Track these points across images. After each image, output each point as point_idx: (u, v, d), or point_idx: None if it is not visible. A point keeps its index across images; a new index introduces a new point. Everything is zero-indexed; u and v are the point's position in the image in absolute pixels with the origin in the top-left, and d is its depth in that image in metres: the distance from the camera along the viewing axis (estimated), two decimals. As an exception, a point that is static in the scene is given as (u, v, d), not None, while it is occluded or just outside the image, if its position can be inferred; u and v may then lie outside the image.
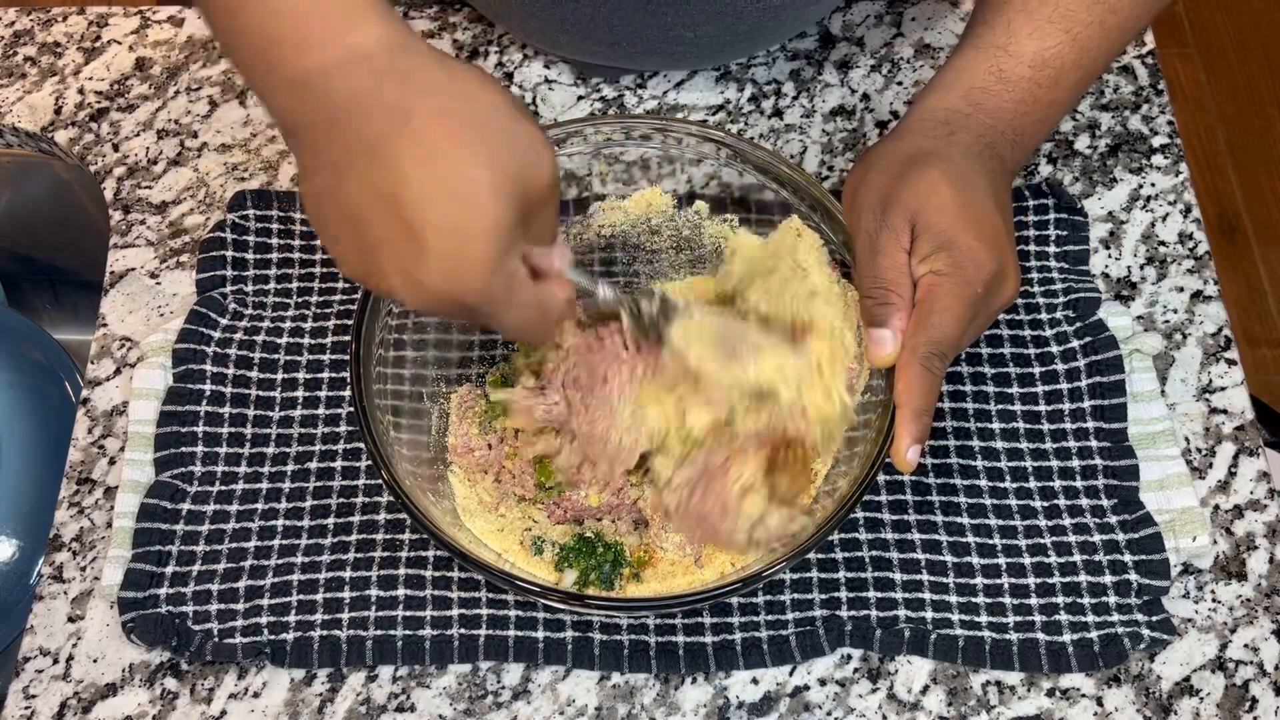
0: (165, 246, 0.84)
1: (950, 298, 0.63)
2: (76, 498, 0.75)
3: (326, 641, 0.70)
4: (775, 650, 0.70)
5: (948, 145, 0.67)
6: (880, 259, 0.65)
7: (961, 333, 0.64)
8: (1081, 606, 0.70)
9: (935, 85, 0.71)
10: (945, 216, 0.64)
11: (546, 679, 0.70)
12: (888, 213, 0.65)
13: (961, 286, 0.63)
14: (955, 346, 0.64)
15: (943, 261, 0.63)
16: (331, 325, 0.79)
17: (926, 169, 0.65)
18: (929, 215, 0.64)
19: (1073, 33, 0.69)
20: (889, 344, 0.64)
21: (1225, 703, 0.69)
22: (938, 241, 0.64)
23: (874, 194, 0.66)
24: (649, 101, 0.90)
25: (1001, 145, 0.69)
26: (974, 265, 0.63)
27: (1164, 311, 0.81)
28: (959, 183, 0.65)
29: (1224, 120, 1.98)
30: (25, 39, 0.93)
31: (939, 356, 0.63)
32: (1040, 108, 0.69)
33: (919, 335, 0.63)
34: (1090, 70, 0.71)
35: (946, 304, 0.63)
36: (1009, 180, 0.70)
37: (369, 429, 0.65)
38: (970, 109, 0.69)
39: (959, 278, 0.63)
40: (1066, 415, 0.76)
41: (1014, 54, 0.69)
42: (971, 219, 0.64)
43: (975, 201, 0.65)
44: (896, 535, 0.73)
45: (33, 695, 0.70)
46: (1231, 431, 0.77)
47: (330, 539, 0.73)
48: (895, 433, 0.63)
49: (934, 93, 0.71)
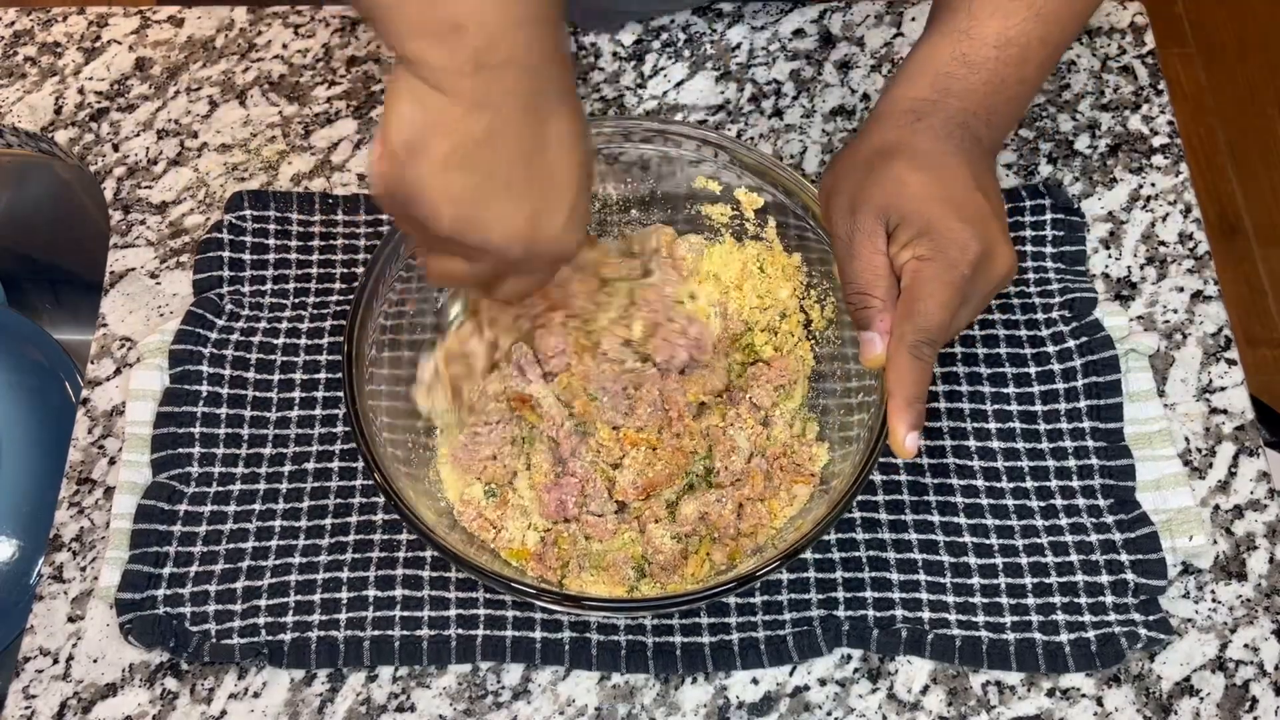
0: (165, 246, 0.84)
1: (935, 283, 0.62)
2: (76, 498, 0.75)
3: (324, 642, 0.70)
4: (772, 651, 0.70)
5: (914, 134, 0.67)
6: (855, 263, 0.65)
7: (950, 317, 0.63)
8: (1078, 606, 0.70)
9: (900, 77, 0.70)
10: (919, 203, 0.63)
11: (546, 679, 0.70)
12: (858, 215, 0.65)
13: (946, 270, 0.62)
14: (945, 332, 0.63)
15: (924, 247, 0.63)
16: (328, 326, 0.79)
17: (891, 164, 0.65)
18: (902, 206, 0.64)
19: (1035, 7, 0.68)
20: (876, 345, 0.64)
21: (1225, 703, 0.69)
22: (917, 228, 0.63)
23: (844, 198, 0.66)
24: (649, 101, 0.90)
25: (975, 125, 0.67)
26: (957, 247, 0.62)
27: (1164, 311, 0.81)
28: (929, 169, 0.65)
29: (1224, 120, 1.98)
30: (25, 39, 0.93)
31: (928, 344, 0.62)
32: (1010, 86, 0.69)
33: (906, 324, 0.63)
34: (1059, 43, 0.70)
35: (931, 290, 0.62)
36: (990, 158, 0.69)
37: (361, 432, 0.65)
38: (938, 95, 0.68)
39: (942, 261, 0.62)
40: (1063, 415, 0.76)
41: (977, 37, 0.68)
42: (948, 201, 0.63)
43: (950, 182, 0.64)
44: (893, 535, 0.73)
45: (33, 695, 0.70)
46: (1231, 431, 0.77)
47: (328, 539, 0.73)
48: (890, 423, 0.63)
49: (899, 84, 0.70)
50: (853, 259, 0.65)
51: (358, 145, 0.88)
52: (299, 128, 0.89)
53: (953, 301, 0.62)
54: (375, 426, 0.67)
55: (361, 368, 0.67)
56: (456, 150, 0.54)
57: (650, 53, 0.92)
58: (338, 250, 0.83)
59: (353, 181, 0.87)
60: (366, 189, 0.86)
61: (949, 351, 0.78)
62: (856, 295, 0.65)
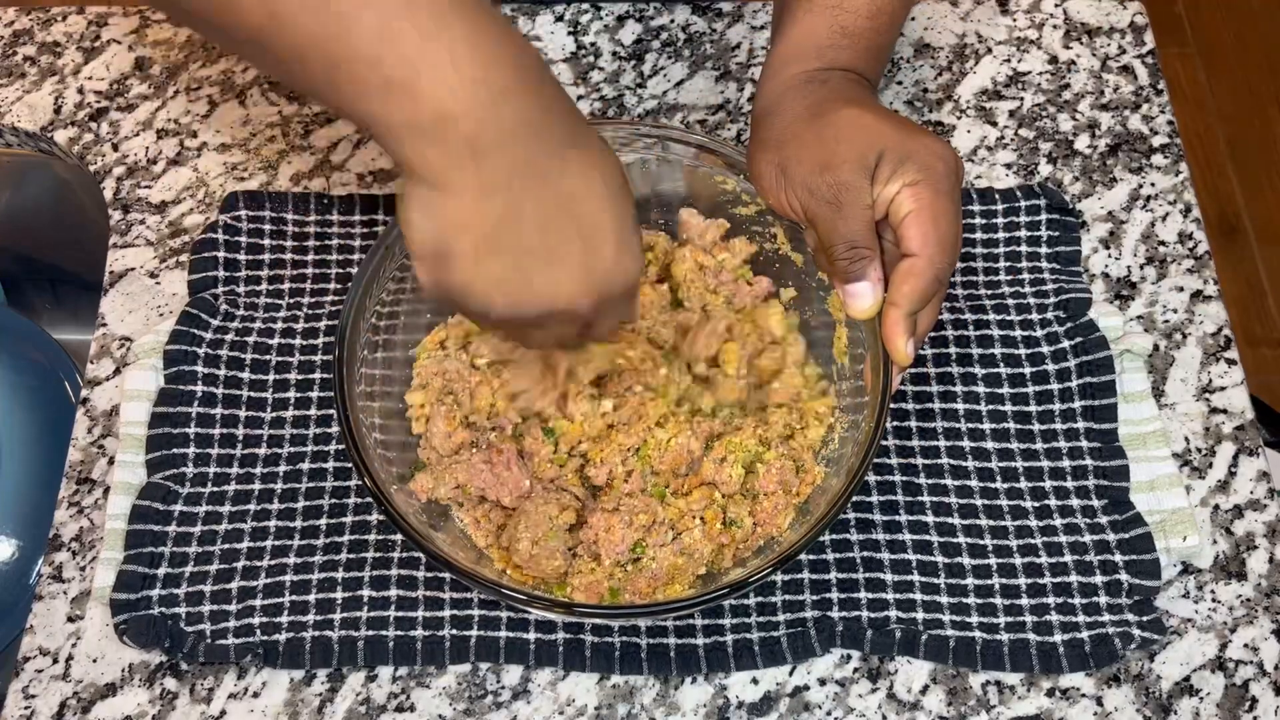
0: (165, 246, 0.84)
1: (939, 202, 0.64)
2: (76, 498, 0.75)
3: (319, 642, 0.70)
4: (767, 652, 0.69)
5: (831, 91, 0.68)
6: (846, 219, 0.65)
7: (959, 228, 0.65)
8: (1072, 607, 0.70)
9: (784, 56, 0.72)
10: (888, 136, 0.65)
11: (546, 679, 0.70)
12: (834, 170, 0.65)
13: (940, 184, 0.64)
14: (959, 245, 0.66)
15: (912, 172, 0.64)
16: (323, 326, 0.79)
17: (837, 115, 0.66)
18: (876, 143, 0.64)
19: None
20: (869, 295, 0.65)
21: (1225, 702, 0.69)
22: (898, 156, 0.64)
23: (803, 164, 0.66)
24: (649, 101, 0.90)
25: (865, 82, 0.71)
26: (940, 160, 0.64)
27: (1164, 311, 0.81)
28: (872, 107, 0.67)
29: (1224, 120, 1.98)
30: (25, 39, 0.93)
31: (949, 266, 0.65)
32: (884, 48, 0.73)
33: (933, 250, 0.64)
34: (910, 2, 0.75)
35: (940, 208, 0.64)
36: None
37: (352, 437, 0.65)
38: (828, 65, 0.70)
39: (933, 179, 0.64)
40: (1057, 415, 0.76)
41: (850, 9, 0.71)
42: (901, 126, 0.65)
43: (888, 113, 0.67)
44: (888, 536, 0.72)
45: (32, 695, 0.70)
46: (1231, 431, 0.77)
47: (323, 539, 0.73)
48: (888, 333, 0.65)
49: (787, 64, 0.71)
50: (843, 217, 0.65)
51: (357, 145, 0.88)
52: (298, 127, 0.89)
53: (956, 213, 0.64)
54: (366, 428, 0.67)
55: (353, 370, 0.67)
56: (482, 241, 0.53)
57: (650, 52, 0.92)
58: (333, 250, 0.83)
59: (352, 181, 0.87)
60: (365, 189, 0.86)
61: (944, 352, 0.78)
62: (850, 250, 0.65)
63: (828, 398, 0.74)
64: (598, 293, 0.56)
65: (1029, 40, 0.93)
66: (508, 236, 0.53)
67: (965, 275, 0.82)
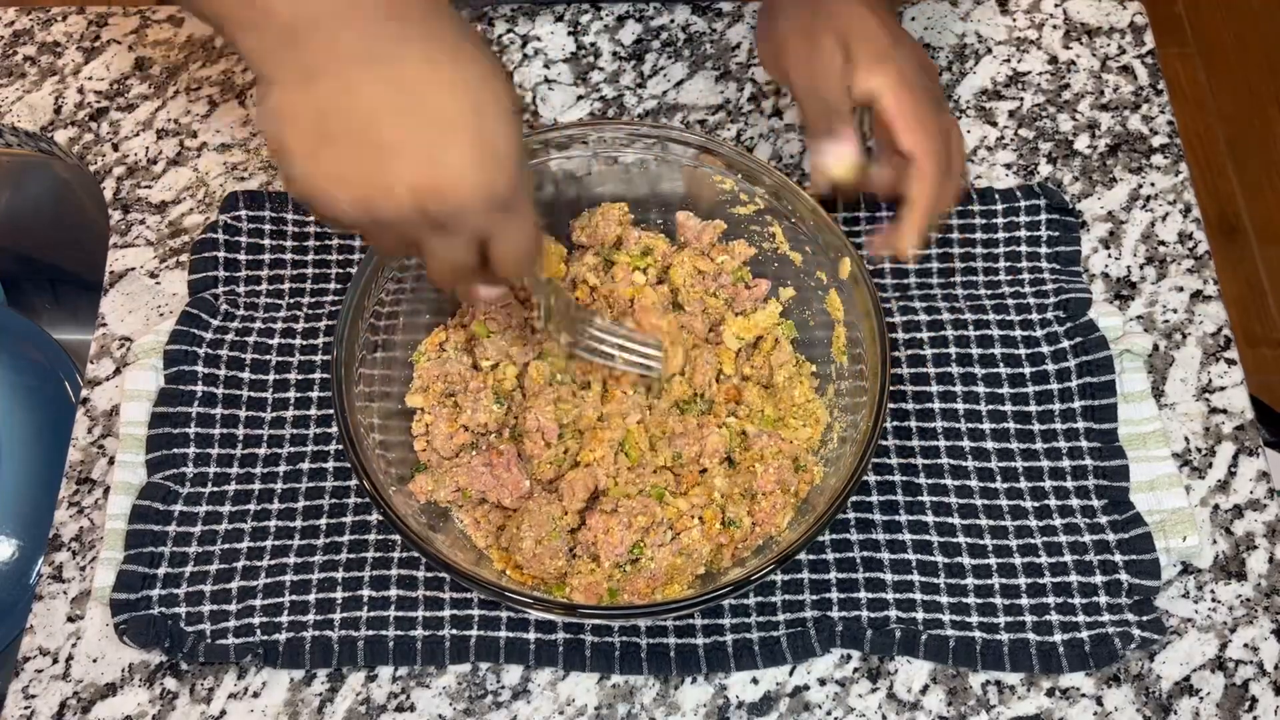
0: (165, 246, 0.84)
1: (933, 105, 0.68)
2: (76, 498, 0.75)
3: (319, 642, 0.70)
4: (766, 651, 0.70)
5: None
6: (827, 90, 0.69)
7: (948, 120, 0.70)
8: (1072, 606, 0.70)
9: None
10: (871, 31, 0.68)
11: (546, 678, 0.70)
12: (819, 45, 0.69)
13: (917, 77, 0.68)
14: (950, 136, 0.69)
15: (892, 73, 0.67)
16: (323, 326, 0.79)
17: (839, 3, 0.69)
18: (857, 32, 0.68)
19: None
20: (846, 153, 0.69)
21: (1225, 702, 0.69)
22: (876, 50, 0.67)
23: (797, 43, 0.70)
24: (649, 101, 0.90)
25: None
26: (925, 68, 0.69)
27: (1164, 311, 0.81)
28: None
29: (1224, 120, 1.98)
30: (25, 39, 0.93)
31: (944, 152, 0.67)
32: None
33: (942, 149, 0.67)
34: None
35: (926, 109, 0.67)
36: None
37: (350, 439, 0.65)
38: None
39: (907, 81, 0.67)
40: (1057, 415, 0.76)
41: None
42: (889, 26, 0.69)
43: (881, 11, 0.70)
44: (887, 536, 0.73)
45: (32, 695, 0.70)
46: (1231, 431, 0.77)
47: (323, 539, 0.73)
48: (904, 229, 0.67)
49: None
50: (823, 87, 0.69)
51: (357, 145, 0.88)
52: (298, 127, 0.89)
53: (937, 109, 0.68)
54: (365, 429, 0.67)
55: (351, 371, 0.67)
56: (311, 131, 0.51)
57: (650, 52, 0.92)
58: (333, 250, 0.83)
59: (352, 181, 0.87)
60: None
61: (944, 352, 0.78)
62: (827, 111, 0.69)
63: (818, 395, 0.75)
64: (450, 191, 0.51)
65: (1029, 40, 0.93)
66: (336, 124, 0.51)
67: (965, 275, 0.82)
